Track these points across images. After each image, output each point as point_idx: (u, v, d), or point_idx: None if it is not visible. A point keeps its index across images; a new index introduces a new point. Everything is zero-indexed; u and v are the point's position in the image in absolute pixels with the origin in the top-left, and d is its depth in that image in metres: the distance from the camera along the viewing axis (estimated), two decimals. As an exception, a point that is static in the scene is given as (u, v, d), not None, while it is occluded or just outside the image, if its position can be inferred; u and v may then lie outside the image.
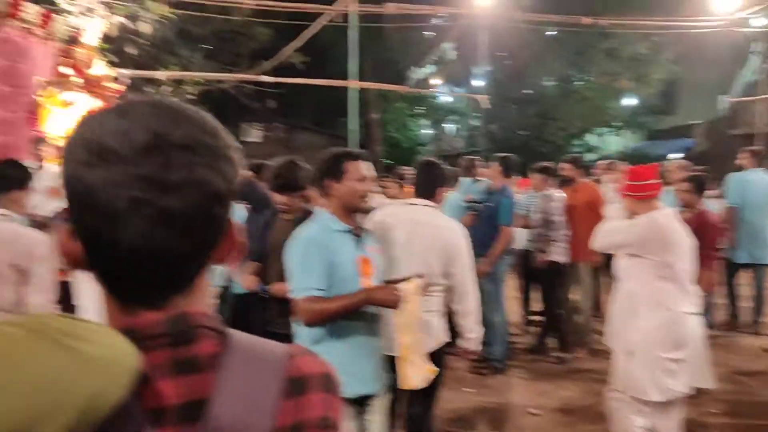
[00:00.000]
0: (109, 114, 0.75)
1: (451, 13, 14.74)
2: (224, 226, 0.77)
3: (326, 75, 19.47)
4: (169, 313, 0.75)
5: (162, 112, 0.74)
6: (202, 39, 15.70)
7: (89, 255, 0.74)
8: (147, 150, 0.70)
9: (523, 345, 7.14)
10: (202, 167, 0.72)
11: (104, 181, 0.69)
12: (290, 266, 2.77)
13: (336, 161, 2.85)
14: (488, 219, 6.26)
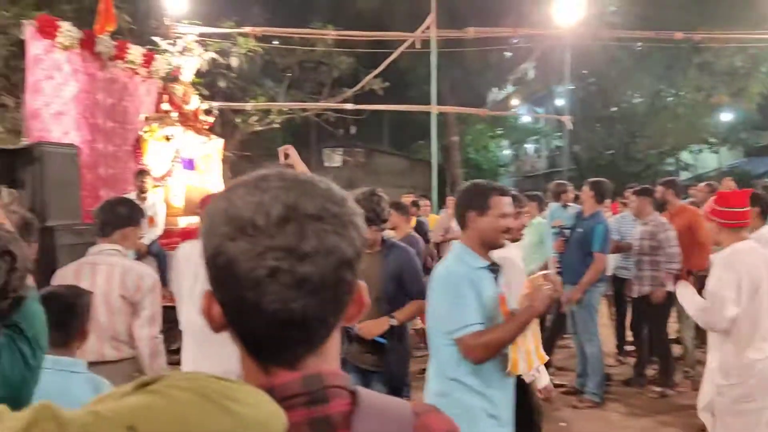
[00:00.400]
0: (246, 188, 0.79)
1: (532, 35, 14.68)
2: (352, 288, 0.82)
3: (405, 99, 19.77)
4: (304, 372, 0.79)
5: (293, 185, 0.79)
6: (286, 69, 16.32)
7: (230, 318, 0.80)
8: (282, 222, 0.75)
9: (619, 377, 6.92)
10: (331, 235, 0.77)
11: (245, 252, 0.74)
12: (442, 306, 2.67)
13: (481, 194, 2.77)
14: (579, 245, 6.15)
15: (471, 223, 2.77)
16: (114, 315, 3.13)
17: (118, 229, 3.33)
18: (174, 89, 8.96)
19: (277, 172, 0.82)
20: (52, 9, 11.92)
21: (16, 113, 12.06)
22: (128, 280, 3.16)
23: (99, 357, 3.10)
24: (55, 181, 6.36)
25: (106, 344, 3.13)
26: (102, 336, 3.12)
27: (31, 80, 7.77)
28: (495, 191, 2.78)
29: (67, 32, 7.90)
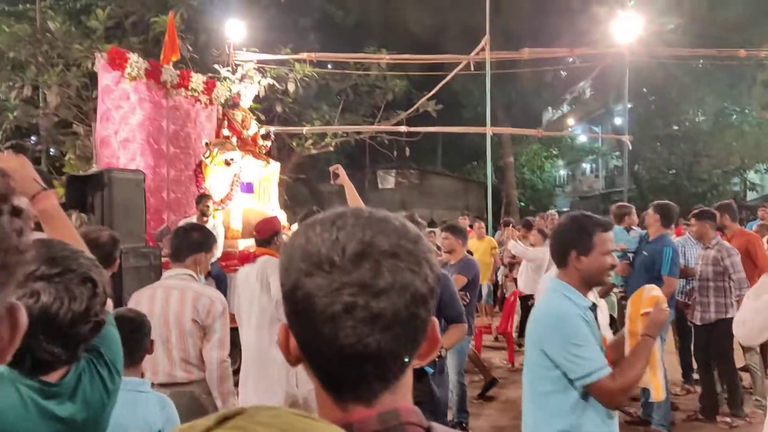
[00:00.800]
0: (323, 225, 0.81)
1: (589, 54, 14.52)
2: (426, 325, 0.82)
3: (459, 120, 19.82)
4: (380, 409, 0.80)
5: (368, 222, 0.81)
6: (341, 93, 16.60)
7: (306, 352, 0.82)
8: (358, 258, 0.77)
9: (686, 407, 6.67)
10: (406, 272, 0.78)
11: (321, 287, 0.76)
12: (559, 350, 2.45)
13: (584, 232, 2.56)
14: (645, 269, 5.96)
15: (573, 263, 2.56)
16: (185, 338, 3.22)
17: (191, 254, 3.41)
18: (234, 115, 9.25)
19: (353, 210, 0.84)
20: (121, 42, 12.54)
21: (86, 140, 12.66)
22: (200, 304, 3.23)
23: (170, 378, 3.21)
24: (122, 206, 6.62)
25: (177, 366, 3.22)
26: (173, 358, 3.22)
27: (102, 109, 8.16)
28: (598, 227, 2.58)
29: (134, 63, 8.28)
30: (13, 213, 0.67)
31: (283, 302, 0.83)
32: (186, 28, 12.80)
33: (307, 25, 16.62)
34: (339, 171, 4.14)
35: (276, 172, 9.95)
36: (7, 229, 0.66)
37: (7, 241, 0.66)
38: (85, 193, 6.62)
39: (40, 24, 13.40)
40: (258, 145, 9.68)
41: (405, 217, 2.69)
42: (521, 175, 27.68)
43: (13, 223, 0.67)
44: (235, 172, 8.70)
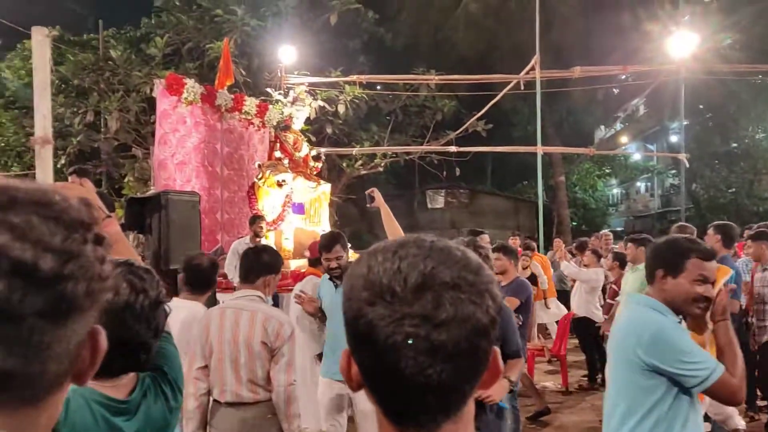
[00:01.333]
0: (384, 254, 0.82)
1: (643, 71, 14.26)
2: (488, 356, 0.82)
3: (509, 139, 19.69)
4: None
5: (430, 253, 0.81)
6: (390, 114, 16.74)
7: (367, 380, 0.83)
8: (419, 289, 0.77)
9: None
10: (467, 303, 0.78)
11: (383, 317, 0.77)
12: (677, 357, 2.38)
13: (678, 254, 2.47)
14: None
15: (659, 283, 2.51)
16: (254, 359, 3.23)
17: (262, 275, 3.45)
18: (286, 137, 9.42)
19: (415, 240, 0.85)
20: (178, 68, 13.00)
21: (144, 163, 13.12)
22: (269, 327, 3.26)
23: (236, 398, 3.24)
24: (178, 227, 6.81)
25: (244, 386, 3.25)
26: (241, 378, 3.25)
27: (160, 133, 8.44)
28: (696, 253, 2.45)
29: (191, 88, 8.56)
30: (96, 242, 0.71)
31: (346, 329, 0.84)
32: (240, 53, 13.20)
33: (357, 48, 16.87)
34: (375, 194, 4.18)
35: (327, 193, 10.06)
36: (91, 257, 0.69)
37: (92, 270, 0.69)
38: (144, 215, 6.84)
39: (103, 52, 14.04)
40: (309, 166, 9.82)
41: (468, 243, 2.62)
42: (573, 194, 27.23)
43: (96, 251, 0.70)
44: (287, 193, 8.83)
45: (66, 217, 0.69)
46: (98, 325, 0.73)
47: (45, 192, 0.70)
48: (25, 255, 0.64)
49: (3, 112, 15.08)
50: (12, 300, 0.63)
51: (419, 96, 16.03)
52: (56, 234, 0.67)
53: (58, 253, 0.66)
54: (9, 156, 15.22)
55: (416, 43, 20.07)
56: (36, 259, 0.64)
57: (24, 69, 15.18)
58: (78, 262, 0.67)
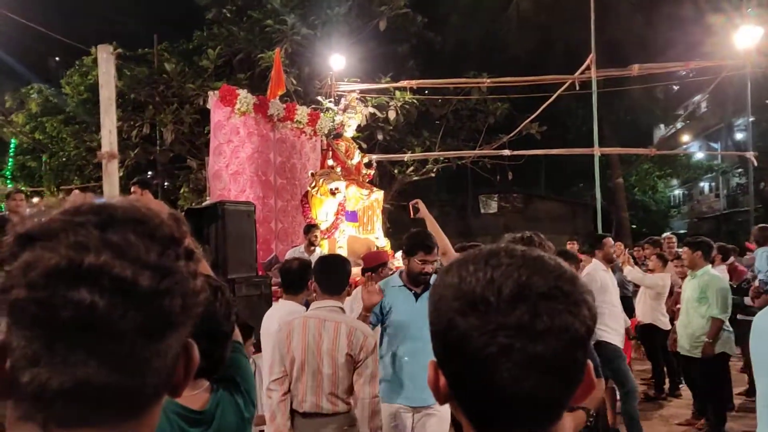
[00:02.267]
0: (476, 264, 0.81)
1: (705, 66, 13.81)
2: (583, 368, 0.81)
3: (563, 141, 19.36)
4: None
5: (524, 262, 0.80)
6: (441, 119, 16.70)
7: (456, 392, 0.82)
8: (514, 299, 0.77)
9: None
10: (564, 314, 0.77)
11: (476, 328, 0.76)
12: None
13: None
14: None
15: None
16: (337, 370, 3.24)
17: (345, 287, 3.49)
18: (338, 145, 9.51)
19: (505, 249, 0.84)
20: (229, 79, 13.29)
21: (198, 174, 13.46)
22: (354, 338, 3.26)
23: (315, 408, 3.25)
24: (234, 236, 6.94)
25: (324, 397, 3.25)
26: (320, 389, 3.27)
27: (214, 144, 8.64)
28: None
29: (244, 99, 8.74)
30: (187, 257, 0.72)
31: (434, 341, 0.83)
32: (290, 62, 13.40)
33: (406, 53, 16.90)
34: (419, 205, 4.14)
35: (379, 201, 10.11)
36: (185, 272, 0.70)
37: (186, 285, 0.70)
38: (201, 225, 6.99)
39: (157, 66, 14.48)
40: (361, 174, 9.90)
41: (526, 240, 2.45)
42: (632, 196, 26.58)
43: (188, 266, 0.71)
44: (340, 202, 8.91)
45: (159, 233, 0.70)
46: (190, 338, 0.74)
47: (139, 209, 0.72)
48: (125, 272, 0.65)
49: (64, 128, 15.70)
50: (113, 317, 0.64)
51: (471, 99, 15.95)
52: (152, 251, 0.68)
53: (155, 270, 0.67)
54: (70, 170, 15.83)
55: (466, 45, 19.97)
56: (135, 276, 0.65)
57: (83, 85, 15.79)
58: (173, 278, 0.68)
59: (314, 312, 3.37)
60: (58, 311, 0.63)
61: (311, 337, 3.27)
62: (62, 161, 15.68)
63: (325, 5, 14.79)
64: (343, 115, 9.85)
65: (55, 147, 15.91)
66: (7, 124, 16.37)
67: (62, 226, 0.67)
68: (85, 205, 0.70)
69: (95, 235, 0.66)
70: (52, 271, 0.64)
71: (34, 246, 0.66)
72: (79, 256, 0.64)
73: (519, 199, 27.61)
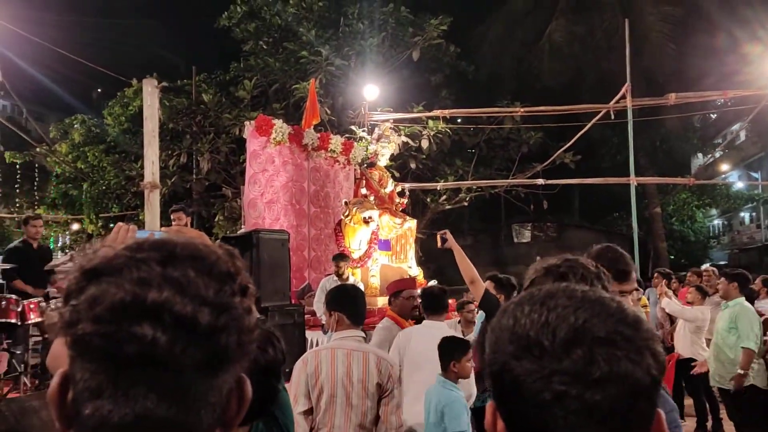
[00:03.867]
0: (531, 305, 0.80)
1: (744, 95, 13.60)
2: (650, 419, 0.77)
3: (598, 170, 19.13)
4: None
5: (581, 304, 0.78)
6: (474, 148, 16.70)
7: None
8: (569, 344, 0.74)
9: None
10: (624, 361, 0.74)
11: (530, 373, 0.75)
12: None
13: None
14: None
15: None
16: (365, 401, 3.22)
17: (365, 318, 3.54)
18: (371, 174, 9.56)
19: (564, 289, 0.82)
20: (265, 108, 13.55)
21: (233, 202, 13.66)
22: (383, 368, 3.27)
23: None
24: (268, 265, 7.00)
25: (352, 428, 3.22)
26: (350, 420, 3.24)
27: (250, 173, 8.77)
28: None
29: (279, 129, 8.88)
30: (242, 293, 0.73)
31: (491, 383, 0.82)
32: (324, 92, 13.62)
33: (439, 82, 17.01)
34: (447, 236, 4.16)
35: (412, 229, 10.10)
36: (240, 309, 0.71)
37: (241, 321, 0.71)
38: (236, 253, 7.09)
39: (195, 97, 14.83)
40: (395, 202, 9.91)
41: (598, 254, 2.26)
42: (670, 226, 26.06)
43: (243, 302, 0.72)
44: (374, 230, 8.93)
45: (216, 270, 0.72)
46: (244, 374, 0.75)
47: (197, 246, 0.73)
48: (185, 309, 0.67)
49: (104, 157, 16.10)
50: (174, 353, 0.66)
51: (504, 128, 15.94)
52: (210, 287, 0.69)
53: (213, 306, 0.68)
54: (109, 198, 16.20)
55: (499, 75, 20.04)
56: (195, 312, 0.67)
57: (124, 116, 16.23)
58: (230, 315, 0.70)
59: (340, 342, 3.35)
60: (122, 346, 0.65)
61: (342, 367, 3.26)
62: (102, 189, 16.06)
63: (359, 36, 15.04)
64: (376, 144, 9.91)
65: (95, 175, 16.31)
66: (51, 153, 16.85)
67: (126, 262, 0.69)
68: (147, 241, 0.72)
69: (157, 271, 0.68)
70: (118, 306, 0.66)
71: (100, 281, 0.68)
72: (143, 292, 0.66)
73: (552, 228, 27.30)
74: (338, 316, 3.36)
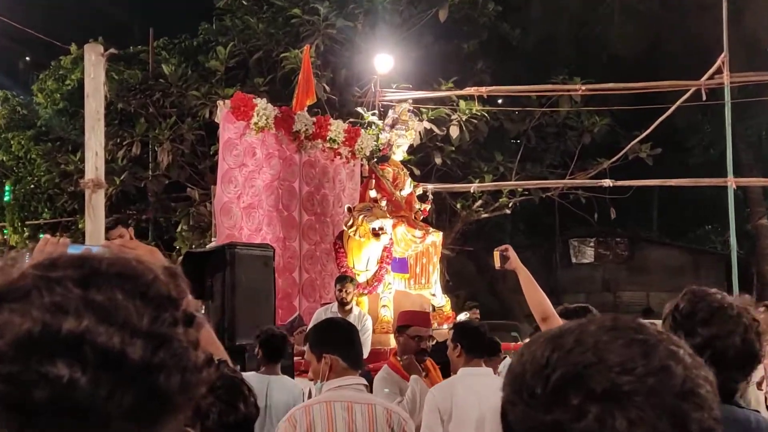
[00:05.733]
0: (548, 340, 0.85)
1: None
2: None
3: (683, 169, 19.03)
4: None
5: (595, 344, 0.81)
6: (520, 137, 16.67)
7: None
8: (559, 393, 0.79)
9: None
10: (617, 421, 0.76)
11: (518, 422, 0.82)
12: None
13: None
14: None
15: None
16: None
17: (362, 359, 3.62)
18: (383, 171, 9.56)
19: (597, 322, 0.85)
20: (244, 84, 13.58)
21: (201, 207, 13.68)
22: (395, 423, 3.33)
23: None
24: (246, 290, 6.97)
25: None
26: None
27: (223, 169, 8.78)
28: None
29: (262, 111, 8.89)
30: (186, 322, 0.74)
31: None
32: (322, 63, 13.64)
33: (474, 52, 16.98)
34: (509, 253, 4.02)
35: (437, 245, 10.08)
36: (184, 342, 0.72)
37: (185, 359, 0.72)
38: (204, 275, 7.06)
39: (152, 68, 14.91)
40: (414, 209, 9.90)
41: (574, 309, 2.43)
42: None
43: (189, 334, 0.73)
44: (386, 246, 8.91)
45: (153, 292, 0.73)
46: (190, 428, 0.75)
47: (128, 262, 0.74)
48: (111, 342, 0.67)
49: (33, 146, 16.12)
50: (98, 397, 0.66)
51: (559, 112, 15.91)
52: (144, 314, 0.70)
53: (148, 338, 0.69)
54: (39, 200, 16.23)
55: (553, 41, 20.02)
56: (124, 346, 0.67)
57: (59, 92, 16.33)
58: (169, 349, 0.70)
59: (336, 393, 3.36)
60: (30, 390, 0.65)
61: (341, 425, 3.26)
62: (29, 188, 16.15)
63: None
64: (390, 133, 9.90)
65: (21, 171, 16.41)
66: (-38, 142, 17.00)
67: (35, 283, 0.69)
68: (63, 256, 0.72)
69: (76, 294, 0.68)
70: (23, 339, 0.66)
71: (1, 308, 0.68)
72: (56, 321, 0.66)
73: (623, 244, 27.17)
74: (331, 360, 3.36)
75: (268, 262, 7.38)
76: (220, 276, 6.98)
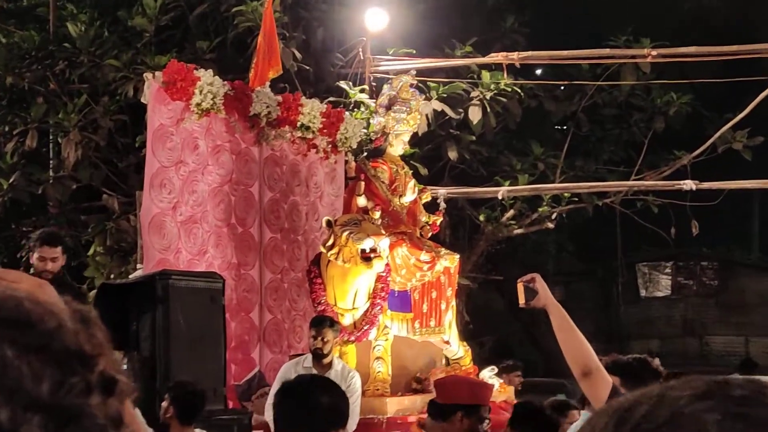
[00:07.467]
0: (607, 413, 0.86)
1: None
2: None
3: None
4: None
5: (718, 414, 0.79)
6: (565, 122, 16.69)
7: None
8: None
9: None
10: None
11: None
12: None
13: None
14: None
15: None
16: None
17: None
18: (377, 171, 9.56)
19: (678, 385, 0.84)
20: (182, 50, 13.56)
21: (122, 221, 13.65)
22: None
23: None
24: (186, 336, 7.00)
25: None
26: None
27: (153, 168, 8.79)
28: None
29: (207, 87, 8.89)
30: (104, 388, 0.74)
31: None
32: (291, 20, 13.61)
33: (501, 4, 17.04)
34: (537, 284, 4.01)
35: (452, 272, 10.08)
36: (100, 419, 0.72)
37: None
38: (125, 315, 7.08)
39: (54, 29, 14.88)
40: (419, 223, 9.91)
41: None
42: None
43: (108, 407, 0.74)
44: (380, 273, 8.92)
45: (56, 346, 0.72)
46: None
47: (18, 302, 0.74)
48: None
49: None
50: None
51: (621, 88, 15.94)
52: (43, 378, 0.69)
53: (49, 413, 0.68)
54: None
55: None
56: (16, 423, 0.67)
57: None
58: (80, 428, 0.70)
59: None
60: None
61: None
62: None
63: None
64: (386, 116, 9.90)
65: None
66: None
67: None
68: None
69: None
70: None
71: None
72: None
73: (711, 271, 27.27)
74: None
75: (216, 297, 7.41)
76: (149, 317, 7.01)
